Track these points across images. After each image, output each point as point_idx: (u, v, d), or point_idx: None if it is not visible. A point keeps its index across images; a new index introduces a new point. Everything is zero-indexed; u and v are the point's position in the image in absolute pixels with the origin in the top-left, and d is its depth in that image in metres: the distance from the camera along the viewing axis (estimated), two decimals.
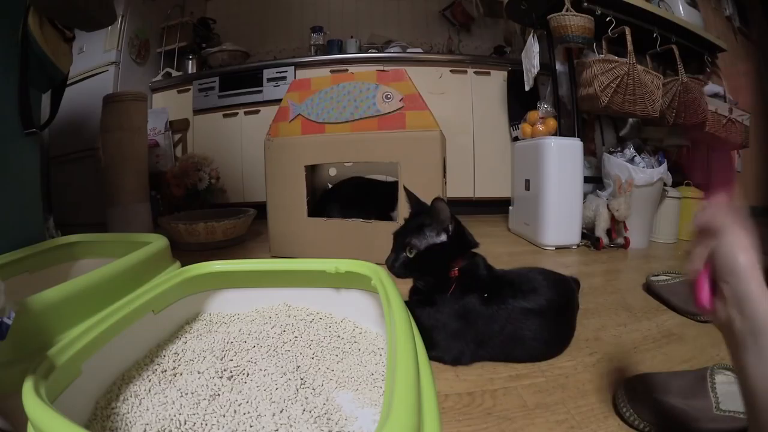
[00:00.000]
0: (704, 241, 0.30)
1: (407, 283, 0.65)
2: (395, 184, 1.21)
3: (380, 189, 1.28)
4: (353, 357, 0.51)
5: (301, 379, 0.45)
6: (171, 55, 2.27)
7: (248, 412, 0.39)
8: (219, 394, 0.42)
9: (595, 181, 1.55)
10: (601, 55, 1.40)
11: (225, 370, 0.45)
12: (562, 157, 1.36)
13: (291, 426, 0.37)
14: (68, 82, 0.92)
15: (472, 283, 0.59)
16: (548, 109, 1.54)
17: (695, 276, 0.30)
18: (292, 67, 2.04)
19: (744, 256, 0.27)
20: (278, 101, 1.26)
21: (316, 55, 2.30)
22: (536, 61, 1.55)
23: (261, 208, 1.36)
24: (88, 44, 1.91)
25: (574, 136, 1.45)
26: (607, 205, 1.35)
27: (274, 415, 0.38)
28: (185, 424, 0.37)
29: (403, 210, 1.10)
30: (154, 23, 2.23)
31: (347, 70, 1.99)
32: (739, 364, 0.28)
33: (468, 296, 0.58)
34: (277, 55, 2.49)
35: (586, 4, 1.40)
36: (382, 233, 1.12)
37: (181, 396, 0.40)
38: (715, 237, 0.29)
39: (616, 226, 1.36)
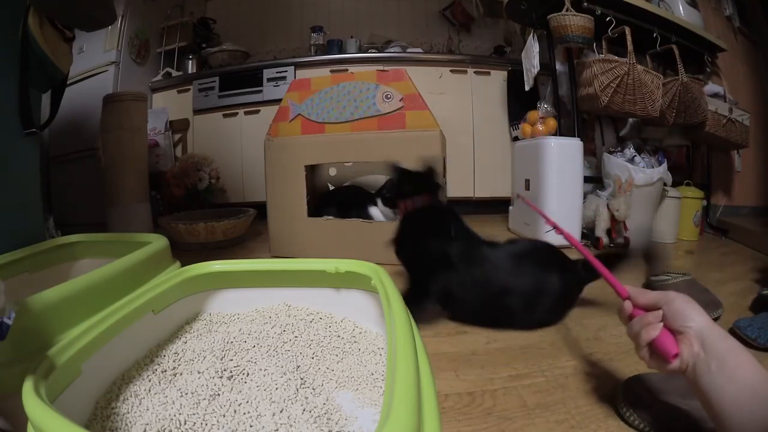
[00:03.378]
0: (649, 316, 0.39)
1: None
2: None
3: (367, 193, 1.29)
4: (353, 357, 0.51)
5: (301, 379, 0.45)
6: (171, 55, 2.26)
7: (248, 412, 0.39)
8: (219, 394, 0.41)
9: (595, 181, 1.55)
10: (601, 55, 1.40)
11: (225, 370, 0.45)
12: (562, 157, 1.36)
13: (291, 426, 0.37)
14: (68, 82, 0.92)
15: (413, 221, 0.74)
16: (548, 109, 1.54)
17: (659, 338, 0.37)
18: (292, 67, 2.04)
19: (692, 305, 0.37)
20: (278, 101, 1.26)
21: (316, 55, 2.29)
22: (536, 61, 1.55)
23: (261, 208, 1.36)
24: (88, 44, 1.91)
25: (574, 136, 1.45)
26: (607, 205, 1.35)
27: (274, 415, 0.38)
28: (185, 424, 0.37)
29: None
30: (154, 23, 2.23)
31: (347, 70, 1.99)
32: (705, 394, 0.33)
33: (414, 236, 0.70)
34: (277, 55, 2.49)
35: (586, 4, 1.40)
36: (382, 233, 1.12)
37: (181, 396, 0.40)
38: (662, 306, 0.38)
39: (616, 226, 1.36)
